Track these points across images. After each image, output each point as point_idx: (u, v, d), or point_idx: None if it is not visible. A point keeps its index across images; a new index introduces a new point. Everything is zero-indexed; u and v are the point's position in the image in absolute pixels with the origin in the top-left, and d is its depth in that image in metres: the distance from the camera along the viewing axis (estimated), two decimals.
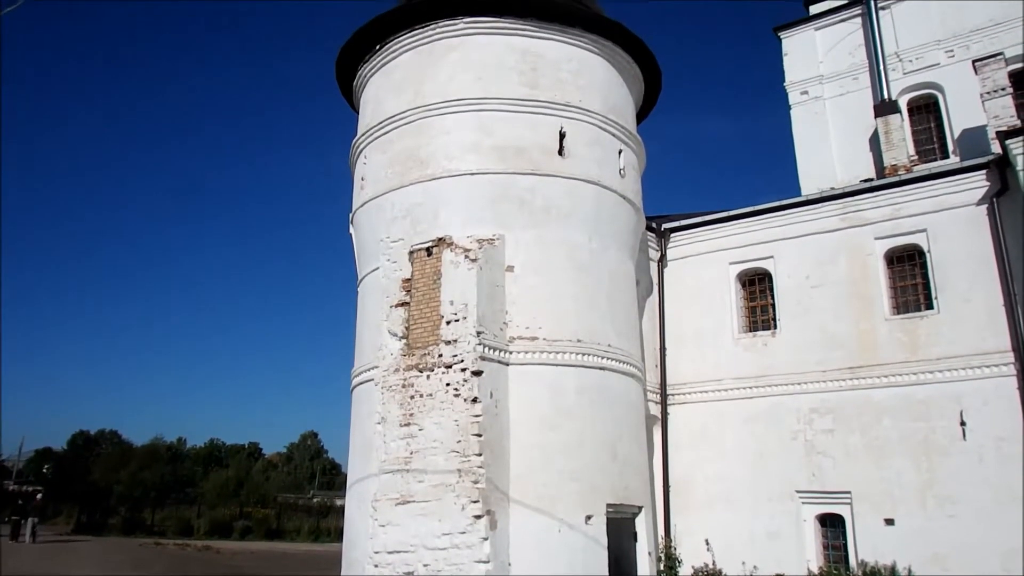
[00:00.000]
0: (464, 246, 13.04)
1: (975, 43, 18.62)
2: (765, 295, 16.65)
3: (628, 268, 14.87)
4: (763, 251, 16.60)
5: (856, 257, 15.64)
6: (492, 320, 12.79)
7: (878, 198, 15.72)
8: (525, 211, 13.55)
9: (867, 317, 15.24)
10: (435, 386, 12.42)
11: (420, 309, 13.00)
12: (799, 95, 20.77)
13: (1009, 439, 13.44)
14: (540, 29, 14.49)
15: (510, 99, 13.97)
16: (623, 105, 15.56)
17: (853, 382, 14.98)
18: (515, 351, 12.90)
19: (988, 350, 13.98)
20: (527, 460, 12.37)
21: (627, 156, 15.07)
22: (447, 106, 13.97)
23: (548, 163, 13.84)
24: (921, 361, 14.52)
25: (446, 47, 14.44)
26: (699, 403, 16.36)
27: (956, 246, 14.74)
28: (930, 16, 19.54)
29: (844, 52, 20.52)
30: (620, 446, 13.33)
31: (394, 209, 13.85)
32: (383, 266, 13.68)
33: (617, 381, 13.65)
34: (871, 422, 14.62)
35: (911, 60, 19.44)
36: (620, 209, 14.58)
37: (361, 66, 15.63)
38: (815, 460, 14.96)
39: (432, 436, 12.18)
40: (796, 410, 15.33)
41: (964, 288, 14.50)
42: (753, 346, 16.28)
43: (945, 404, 14.09)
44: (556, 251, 13.61)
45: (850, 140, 19.68)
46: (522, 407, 12.63)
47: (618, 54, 15.41)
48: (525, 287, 13.26)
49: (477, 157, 13.64)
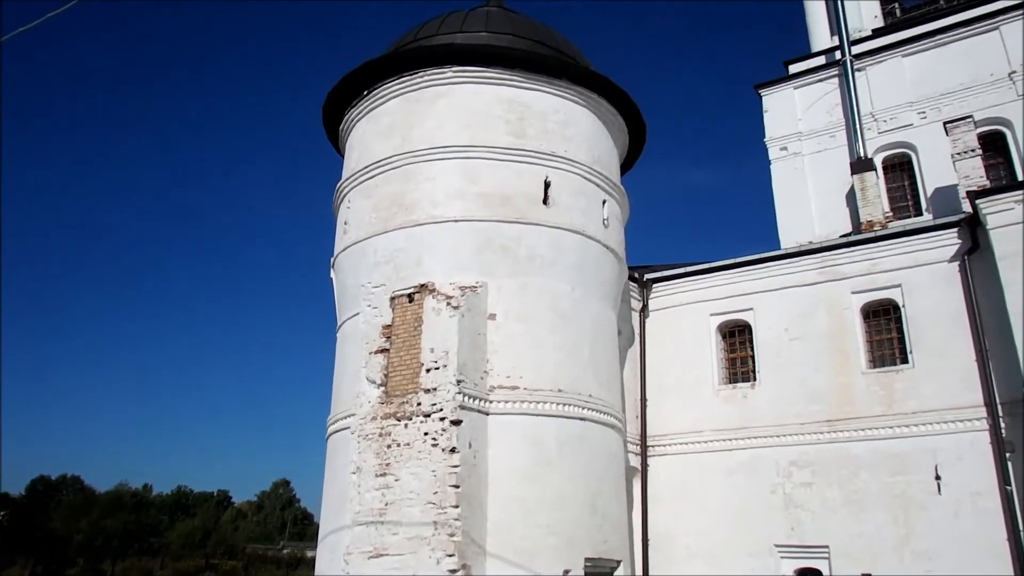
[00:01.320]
0: (446, 293, 13.01)
1: (946, 105, 19.22)
2: (745, 347, 16.74)
3: (610, 318, 14.92)
4: (743, 303, 16.74)
5: (834, 311, 15.83)
6: (473, 368, 12.72)
7: (854, 253, 15.99)
8: (509, 259, 13.58)
9: (845, 370, 15.37)
10: (413, 435, 12.26)
11: (400, 356, 12.90)
12: (779, 151, 21.23)
13: (984, 494, 13.51)
14: (527, 80, 14.71)
15: (497, 147, 14.11)
16: (608, 156, 15.77)
17: (831, 435, 15.03)
18: (495, 400, 12.82)
19: (962, 405, 14.13)
20: (505, 513, 12.20)
21: (611, 206, 15.22)
22: (434, 153, 14.07)
23: (533, 212, 13.93)
24: (897, 415, 14.63)
25: (434, 94, 14.59)
26: (679, 455, 16.28)
27: (930, 302, 14.98)
28: (903, 79, 20.19)
29: (822, 110, 21.07)
30: (600, 499, 13.21)
31: (377, 254, 13.82)
32: (363, 311, 13.59)
33: (598, 432, 13.59)
34: (849, 476, 14.64)
35: (885, 120, 20.01)
36: (603, 259, 14.67)
37: (348, 111, 15.72)
38: (794, 514, 14.91)
39: (408, 487, 11.98)
40: (776, 463, 15.32)
41: (938, 343, 14.71)
42: (733, 398, 16.31)
43: (921, 458, 14.16)
44: (539, 300, 13.62)
45: (828, 195, 20.09)
46: (501, 458, 12.50)
47: (604, 106, 15.67)
48: (507, 335, 13.23)
49: (462, 204, 13.70)
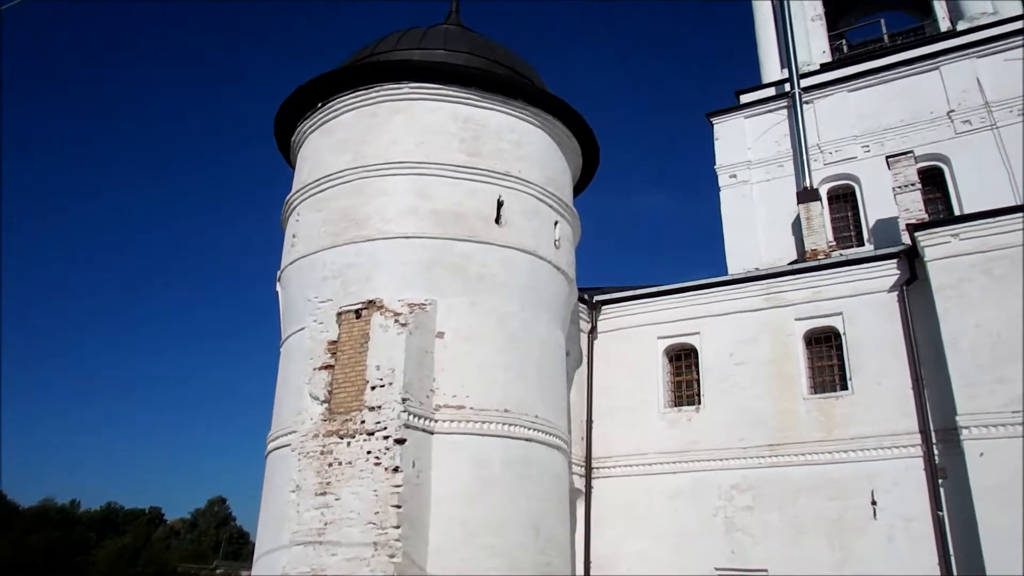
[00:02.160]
0: (395, 310, 12.90)
1: (889, 140, 19.87)
2: (691, 370, 16.91)
3: (559, 339, 14.95)
4: (690, 327, 16.93)
5: (778, 337, 16.13)
6: (419, 387, 12.61)
7: (799, 281, 16.34)
8: (459, 278, 13.54)
9: (787, 396, 15.64)
10: (355, 454, 12.08)
11: (345, 373, 12.71)
12: (728, 178, 21.64)
13: (918, 519, 13.81)
14: (484, 99, 14.75)
15: (451, 165, 14.11)
16: (561, 177, 15.87)
17: (772, 459, 15.25)
18: (441, 420, 12.72)
19: (898, 431, 14.47)
20: (447, 534, 12.08)
21: (563, 227, 15.31)
22: (387, 168, 14.00)
23: (485, 231, 13.93)
24: (836, 440, 14.91)
25: (390, 110, 14.53)
26: (624, 477, 16.31)
27: (870, 330, 15.36)
28: (849, 113, 20.82)
29: (771, 140, 21.58)
30: (544, 521, 13.15)
31: (325, 269, 13.63)
32: (309, 326, 13.38)
33: (543, 453, 13.56)
34: (789, 500, 14.85)
35: (831, 152, 20.58)
36: (554, 280, 14.72)
37: (301, 122, 15.54)
38: (735, 537, 15.04)
39: (349, 506, 11.78)
40: (718, 487, 15.46)
41: (876, 371, 15.07)
42: (678, 421, 16.45)
43: (858, 484, 14.43)
44: (488, 319, 13.59)
45: (775, 223, 20.54)
46: (445, 478, 12.39)
47: (558, 128, 15.79)
48: (455, 354, 13.16)
49: (415, 221, 13.63)
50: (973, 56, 19.93)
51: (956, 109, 19.58)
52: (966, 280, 14.30)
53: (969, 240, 14.50)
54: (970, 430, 13.40)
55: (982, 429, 13.34)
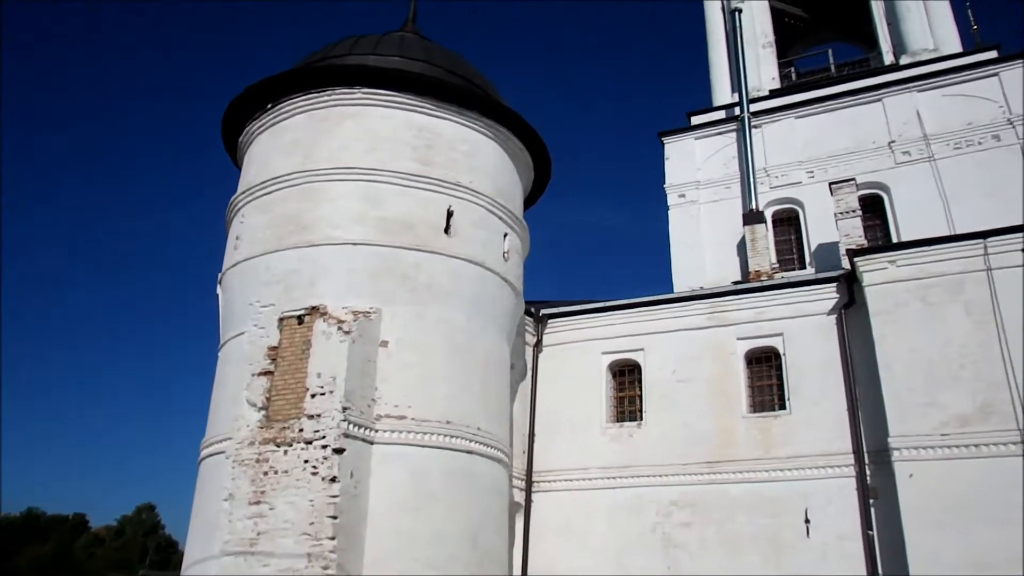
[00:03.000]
0: (339, 317, 12.74)
1: (832, 167, 20.43)
2: (634, 386, 17.04)
3: (504, 351, 14.93)
4: (635, 343, 17.08)
5: (720, 355, 16.37)
6: (360, 396, 12.46)
7: (742, 301, 16.64)
8: (406, 287, 13.44)
9: (727, 414, 15.87)
10: (292, 462, 11.86)
11: (285, 379, 12.49)
12: (677, 197, 21.96)
13: (849, 538, 14.12)
14: (438, 108, 14.72)
15: (402, 173, 14.03)
16: (512, 190, 15.90)
17: (711, 476, 15.43)
18: (381, 430, 12.59)
19: (832, 451, 14.79)
20: (383, 547, 11.93)
21: (512, 240, 15.32)
22: (337, 173, 13.86)
23: (434, 240, 13.87)
24: (773, 459, 15.18)
25: (341, 114, 14.40)
26: (564, 491, 16.30)
27: (808, 351, 15.71)
28: (796, 139, 21.36)
29: (720, 162, 22.00)
30: (482, 535, 13.07)
31: (268, 272, 13.39)
32: (249, 331, 13.11)
33: (484, 466, 13.49)
34: (726, 517, 15.04)
35: (777, 176, 21.08)
36: (501, 292, 14.71)
37: (249, 123, 15.27)
38: (672, 553, 15.16)
39: (284, 516, 11.55)
40: (657, 502, 15.57)
41: (814, 391, 15.41)
42: (620, 436, 16.53)
43: (793, 502, 14.70)
44: (434, 330, 13.51)
45: (720, 244, 20.90)
46: (383, 490, 12.25)
47: (511, 140, 15.84)
48: (398, 364, 13.04)
49: (362, 228, 13.50)
50: (914, 90, 20.67)
51: (897, 140, 20.25)
52: (902, 305, 14.75)
53: (906, 267, 14.97)
54: (901, 452, 13.79)
55: (912, 451, 13.74)
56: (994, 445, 13.30)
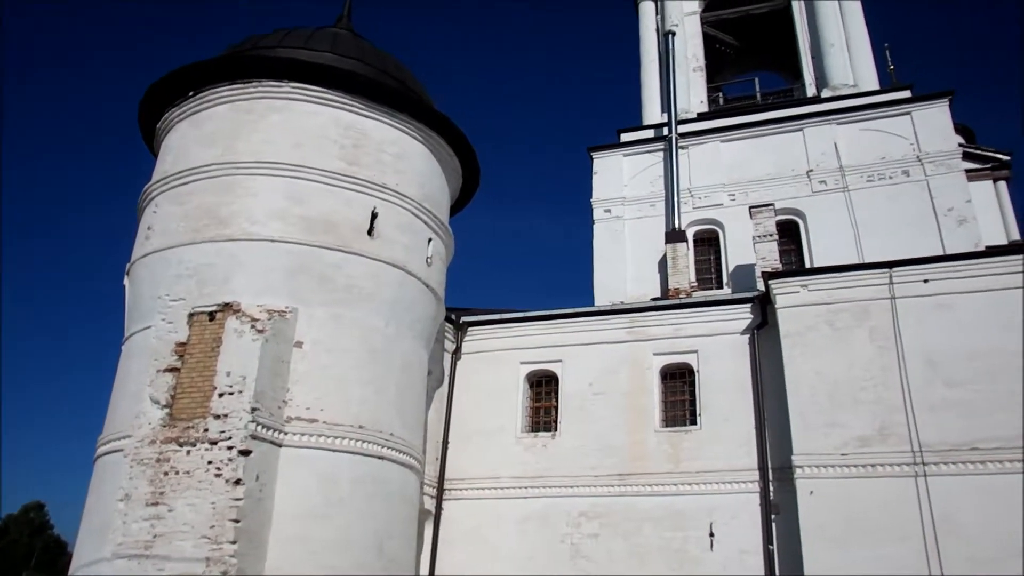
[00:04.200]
0: (252, 315, 12.43)
1: (753, 191, 21.03)
2: (551, 397, 17.16)
3: (422, 357, 14.82)
4: (553, 354, 17.21)
5: (636, 370, 16.63)
6: (271, 397, 12.17)
7: (661, 317, 16.97)
8: (325, 287, 13.21)
9: (640, 427, 16.12)
10: (195, 463, 11.49)
11: (191, 377, 12.09)
12: (603, 212, 22.20)
13: (751, 552, 14.52)
14: (368, 108, 14.56)
15: (327, 171, 13.80)
16: (439, 195, 15.82)
17: (622, 489, 15.64)
18: (291, 432, 12.33)
19: (739, 467, 15.20)
20: (287, 552, 11.67)
21: (436, 245, 15.23)
22: (259, 167, 13.54)
23: (357, 242, 13.68)
24: (682, 473, 15.48)
25: (267, 107, 14.08)
26: (475, 500, 16.29)
27: (721, 369, 16.12)
28: (720, 162, 21.89)
29: (646, 180, 22.36)
30: (389, 542, 12.92)
31: (181, 266, 12.95)
32: (157, 326, 12.66)
33: (395, 472, 13.35)
34: (634, 529, 15.25)
35: (700, 197, 21.56)
36: (422, 297, 14.60)
37: (169, 110, 14.76)
38: (580, 564, 15.27)
39: (183, 519, 11.18)
40: (567, 513, 15.68)
41: (724, 408, 15.80)
42: (534, 446, 16.60)
43: (699, 515, 15.03)
44: (351, 332, 13.32)
45: (642, 260, 21.22)
46: (290, 494, 11.99)
47: (441, 145, 15.77)
48: (313, 366, 12.81)
49: (282, 225, 13.21)
50: (833, 122, 21.46)
51: (815, 169, 20.97)
52: (811, 329, 15.28)
53: (817, 292, 15.53)
54: (803, 469, 14.26)
55: (814, 469, 14.22)
56: (890, 466, 13.88)
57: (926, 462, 13.70)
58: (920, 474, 13.67)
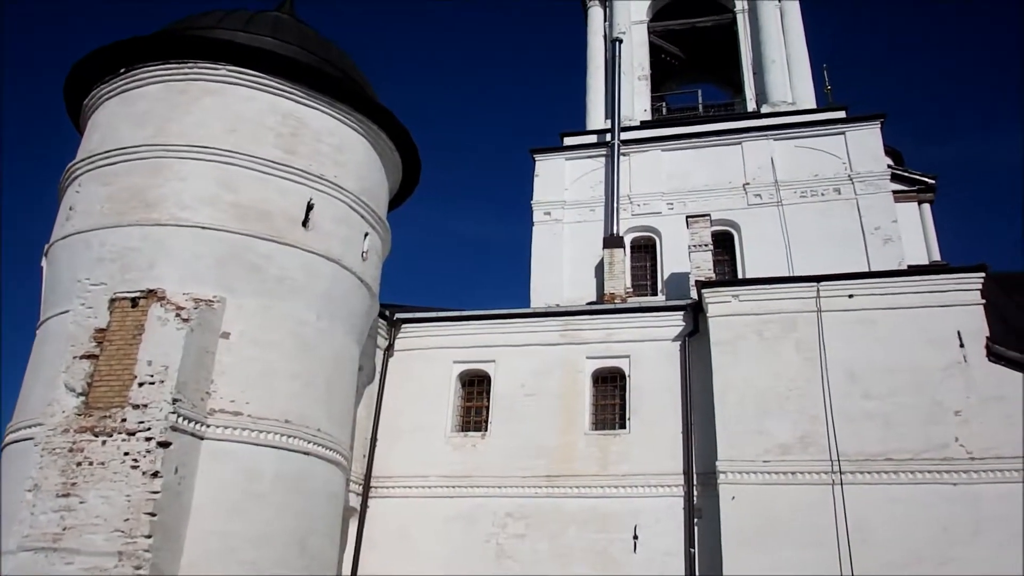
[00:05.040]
0: (178, 303, 12.08)
1: (691, 201, 21.35)
2: (483, 397, 17.09)
3: (353, 353, 14.61)
4: (487, 354, 17.16)
5: (569, 373, 16.73)
6: (194, 388, 11.85)
7: (595, 321, 17.10)
8: (255, 278, 12.91)
9: (570, 430, 16.21)
10: (111, 454, 11.11)
11: (110, 365, 11.67)
12: (542, 215, 22.23)
13: (673, 554, 14.75)
14: (308, 97, 14.28)
15: (262, 159, 13.50)
16: (378, 189, 15.63)
17: (549, 490, 15.69)
18: (214, 425, 12.03)
19: (665, 471, 15.41)
20: (205, 547, 11.40)
21: (372, 240, 15.05)
22: (191, 151, 13.15)
23: (290, 232, 13.41)
24: (609, 476, 15.63)
25: (203, 90, 13.68)
26: (402, 498, 16.13)
27: (651, 374, 16.32)
28: (660, 171, 22.15)
29: (587, 185, 22.47)
30: (311, 539, 12.71)
31: (103, 249, 12.49)
32: (75, 310, 12.17)
33: (321, 469, 13.13)
34: (559, 530, 15.32)
35: (639, 204, 21.78)
36: (356, 292, 14.40)
37: (98, 86, 14.20)
38: (504, 564, 15.27)
39: (95, 511, 10.80)
40: (494, 513, 15.66)
41: (653, 413, 16.00)
42: (463, 446, 16.54)
43: (624, 518, 15.20)
44: (281, 325, 13.05)
45: (580, 264, 21.30)
46: (210, 488, 11.70)
47: (382, 139, 15.59)
48: (239, 358, 12.51)
49: (213, 211, 12.87)
50: (771, 138, 21.96)
51: (751, 183, 21.42)
52: (741, 338, 15.62)
53: (747, 302, 15.88)
54: (727, 475, 14.56)
55: (737, 475, 14.54)
56: (809, 473, 14.28)
57: (843, 471, 14.13)
58: (837, 482, 14.08)
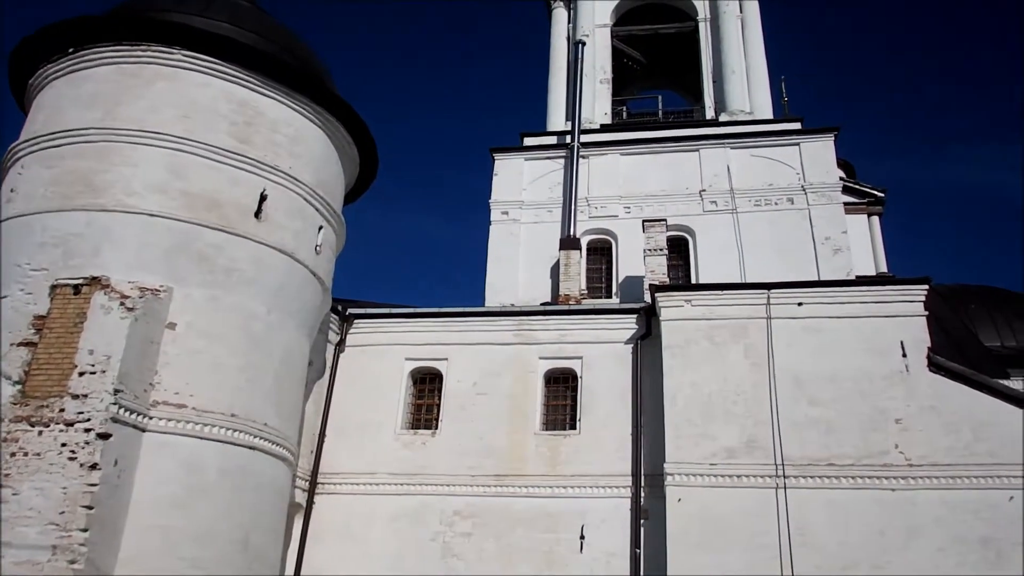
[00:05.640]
0: (123, 292, 11.79)
1: (648, 206, 21.54)
2: (434, 395, 17.02)
3: (304, 348, 14.43)
4: (439, 352, 17.12)
5: (521, 372, 16.76)
6: (137, 379, 11.58)
7: (548, 322, 17.17)
8: (205, 268, 12.66)
9: (521, 429, 16.25)
10: (47, 445, 10.79)
11: (50, 353, 11.33)
12: (500, 214, 22.18)
13: (618, 555, 14.89)
14: (265, 86, 14.05)
15: (215, 148, 13.23)
16: (334, 182, 15.44)
17: (497, 489, 15.71)
18: (156, 417, 11.76)
19: (613, 472, 15.55)
20: (144, 543, 11.13)
21: (327, 234, 14.87)
22: (141, 136, 12.83)
23: (242, 223, 13.18)
24: (558, 476, 15.71)
25: (155, 74, 13.36)
26: (349, 495, 15.97)
27: (603, 376, 16.45)
28: (618, 175, 22.29)
29: (545, 186, 22.52)
30: (255, 535, 12.50)
31: (45, 233, 12.12)
32: (14, 295, 11.81)
33: (267, 464, 12.93)
34: (507, 530, 15.34)
35: (597, 207, 21.88)
36: (308, 286, 14.21)
37: (45, 65, 13.76)
38: (449, 563, 15.24)
39: (29, 503, 10.48)
40: (441, 512, 15.62)
41: (603, 415, 16.14)
42: (413, 443, 16.46)
43: (571, 519, 15.28)
44: (230, 317, 12.82)
45: (535, 264, 21.31)
46: (151, 482, 11.44)
47: (340, 132, 15.40)
48: (186, 349, 12.25)
49: (162, 199, 12.58)
50: (728, 146, 22.25)
51: (707, 189, 21.71)
52: (692, 342, 15.83)
53: (700, 307, 16.11)
54: (674, 477, 14.76)
55: (683, 477, 14.74)
56: (754, 477, 14.55)
57: (787, 475, 14.42)
58: (781, 486, 14.36)
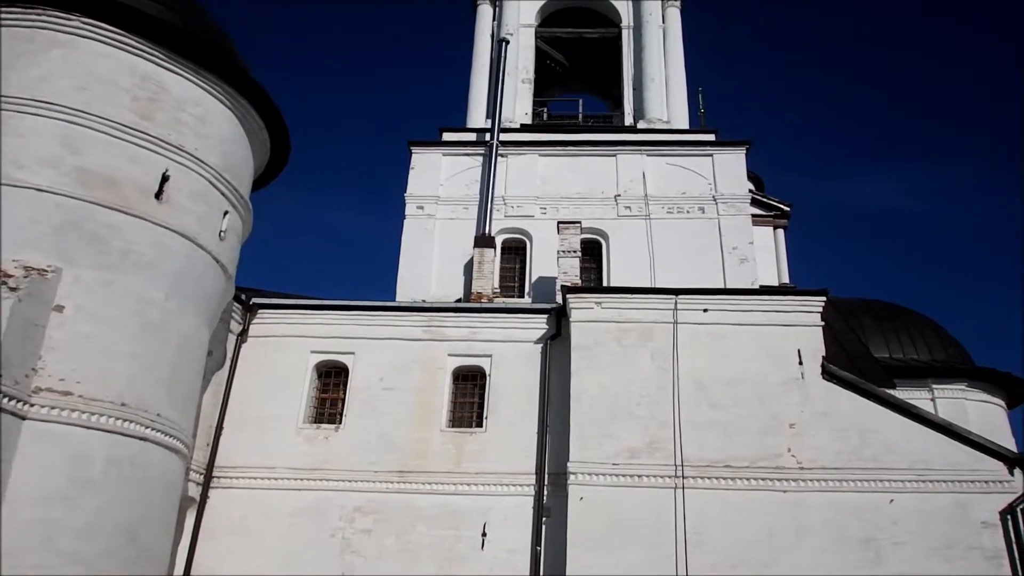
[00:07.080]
0: (6, 270, 11.18)
1: (563, 208, 21.74)
2: (339, 389, 16.74)
3: (203, 337, 13.93)
4: (346, 346, 16.83)
5: (429, 369, 16.66)
6: (19, 364, 10.93)
7: (459, 319, 17.13)
8: (97, 249, 12.06)
9: (426, 426, 16.15)
10: None
11: None
12: (415, 208, 21.93)
13: (519, 552, 15.00)
14: (171, 61, 13.50)
15: (115, 123, 12.65)
16: (242, 167, 14.96)
17: (400, 486, 15.57)
18: (39, 404, 11.15)
19: (518, 471, 15.66)
20: (20, 537, 10.55)
21: (232, 219, 14.39)
22: (33, 107, 12.17)
23: (141, 204, 12.62)
24: (462, 473, 15.70)
25: (50, 40, 12.66)
26: (245, 490, 15.50)
27: (512, 375, 16.53)
28: (536, 175, 22.41)
29: (462, 182, 22.42)
30: (143, 529, 11.99)
31: None
32: None
33: (158, 456, 12.42)
34: (408, 526, 15.23)
35: (513, 206, 21.93)
36: (210, 273, 13.73)
37: None
38: (348, 559, 14.99)
39: None
40: (342, 507, 15.37)
41: (510, 413, 16.22)
42: (315, 438, 16.13)
43: (474, 516, 15.30)
44: (124, 302, 12.26)
45: (449, 261, 21.18)
46: (32, 473, 10.86)
47: (251, 115, 14.93)
48: (74, 334, 11.65)
49: (54, 174, 11.92)
50: (644, 153, 22.69)
51: (622, 194, 22.08)
52: (600, 344, 16.07)
53: (609, 310, 16.39)
54: (576, 476, 14.96)
55: (586, 476, 14.96)
56: (654, 477, 14.91)
57: (686, 475, 14.83)
58: (679, 486, 14.76)
